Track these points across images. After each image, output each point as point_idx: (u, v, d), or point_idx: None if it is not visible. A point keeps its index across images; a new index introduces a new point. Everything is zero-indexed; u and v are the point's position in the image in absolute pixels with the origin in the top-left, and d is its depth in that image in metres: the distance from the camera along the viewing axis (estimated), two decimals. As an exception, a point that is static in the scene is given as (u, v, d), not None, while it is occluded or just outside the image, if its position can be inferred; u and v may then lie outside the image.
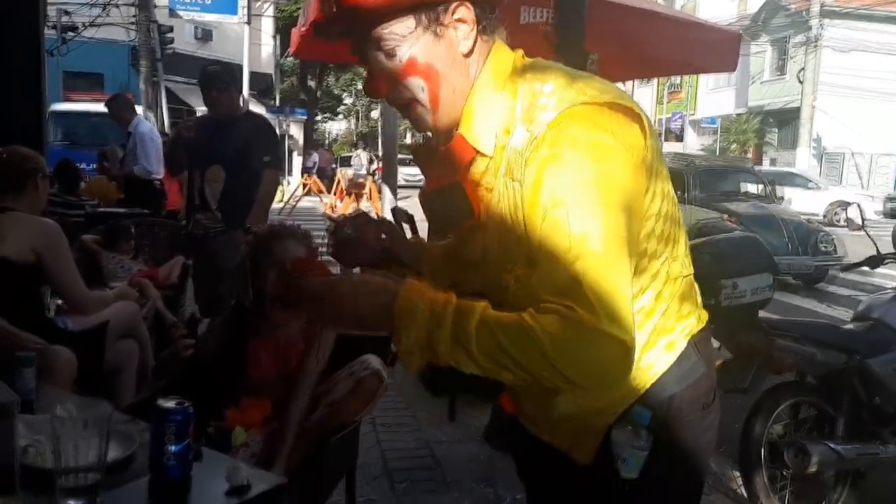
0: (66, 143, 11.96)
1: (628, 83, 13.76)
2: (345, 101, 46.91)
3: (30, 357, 1.77)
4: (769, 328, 2.95)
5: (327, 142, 50.40)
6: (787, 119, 26.47)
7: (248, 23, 18.62)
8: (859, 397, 2.94)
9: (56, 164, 5.90)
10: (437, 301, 1.03)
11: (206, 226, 3.94)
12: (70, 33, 16.70)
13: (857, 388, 2.94)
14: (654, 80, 29.21)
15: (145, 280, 3.93)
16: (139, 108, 7.76)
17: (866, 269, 3.64)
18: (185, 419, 1.30)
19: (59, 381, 2.41)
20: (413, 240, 1.60)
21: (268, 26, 25.41)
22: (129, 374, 3.20)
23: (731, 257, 2.96)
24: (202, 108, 4.38)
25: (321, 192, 18.41)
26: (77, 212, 5.46)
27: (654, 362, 1.17)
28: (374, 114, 41.66)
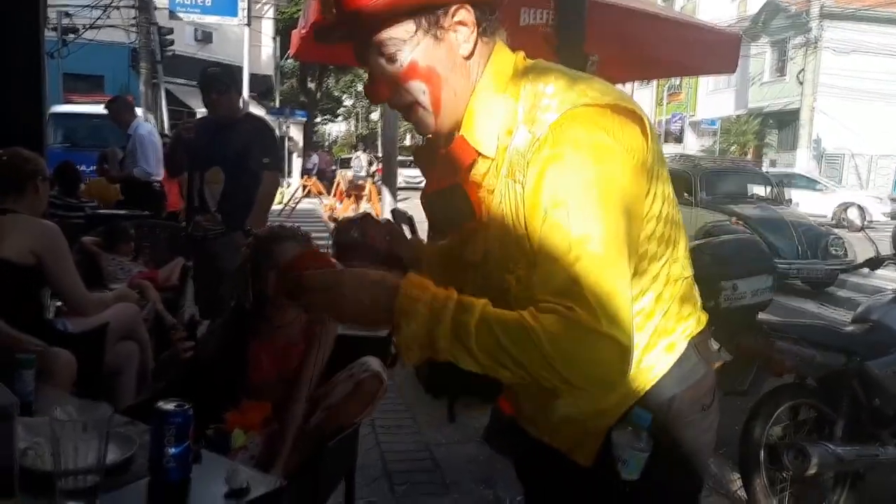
0: (67, 144, 11.88)
1: (628, 84, 13.74)
2: (345, 103, 46.87)
3: (29, 359, 1.77)
4: (769, 330, 2.94)
5: (327, 144, 50.40)
6: (786, 120, 26.47)
7: (249, 25, 18.62)
8: (859, 399, 2.94)
9: (56, 167, 5.90)
10: (438, 297, 1.03)
11: (205, 227, 3.94)
12: (70, 35, 16.67)
13: (857, 390, 2.93)
14: (654, 81, 29.33)
15: (145, 282, 3.92)
16: (139, 110, 7.74)
17: (866, 270, 3.64)
18: (184, 421, 1.30)
19: (58, 383, 2.40)
20: (413, 241, 1.59)
21: (268, 28, 25.41)
22: (129, 376, 3.19)
23: (731, 259, 2.95)
24: (202, 110, 4.38)
25: (321, 193, 18.41)
26: (77, 214, 5.46)
27: (654, 364, 1.17)
28: (374, 116, 41.67)
